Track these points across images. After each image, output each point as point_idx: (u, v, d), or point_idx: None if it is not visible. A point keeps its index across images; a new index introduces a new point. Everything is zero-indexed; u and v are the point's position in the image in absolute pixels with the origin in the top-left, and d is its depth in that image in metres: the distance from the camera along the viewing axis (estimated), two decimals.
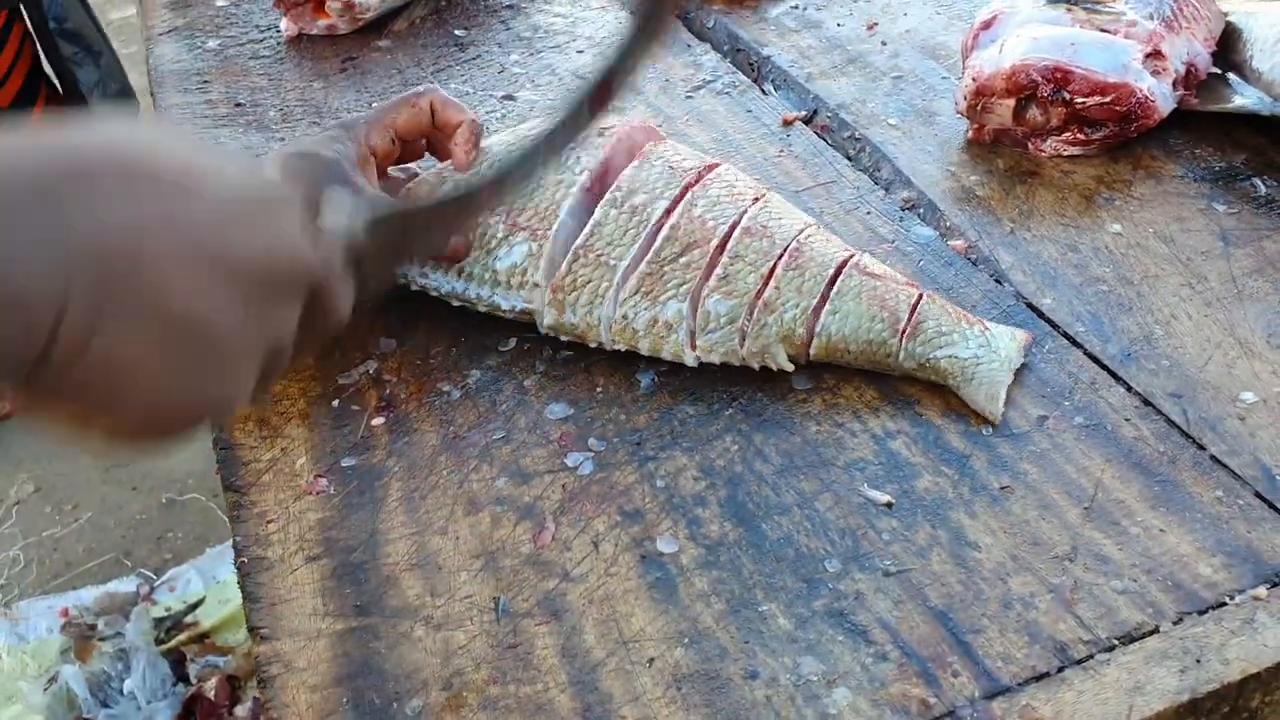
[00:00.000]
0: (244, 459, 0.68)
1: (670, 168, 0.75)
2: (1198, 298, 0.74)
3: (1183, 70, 0.90)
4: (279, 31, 1.18)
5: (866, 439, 0.66)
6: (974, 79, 0.90)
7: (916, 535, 0.60)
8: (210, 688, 1.72)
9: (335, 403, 0.72)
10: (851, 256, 0.72)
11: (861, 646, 0.55)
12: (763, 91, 1.03)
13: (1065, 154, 0.89)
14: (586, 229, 0.72)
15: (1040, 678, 0.53)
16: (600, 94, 0.59)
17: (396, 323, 0.77)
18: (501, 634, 0.57)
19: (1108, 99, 0.86)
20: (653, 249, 0.70)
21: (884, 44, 1.07)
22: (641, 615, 0.57)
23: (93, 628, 1.82)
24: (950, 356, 0.68)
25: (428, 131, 0.78)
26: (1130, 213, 0.83)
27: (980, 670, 0.53)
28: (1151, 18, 0.90)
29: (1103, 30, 0.89)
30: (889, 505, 0.62)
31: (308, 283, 0.48)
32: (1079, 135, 0.88)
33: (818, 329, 0.69)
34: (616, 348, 0.71)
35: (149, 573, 1.89)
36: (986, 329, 0.69)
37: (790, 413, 0.68)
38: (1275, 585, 0.56)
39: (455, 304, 0.76)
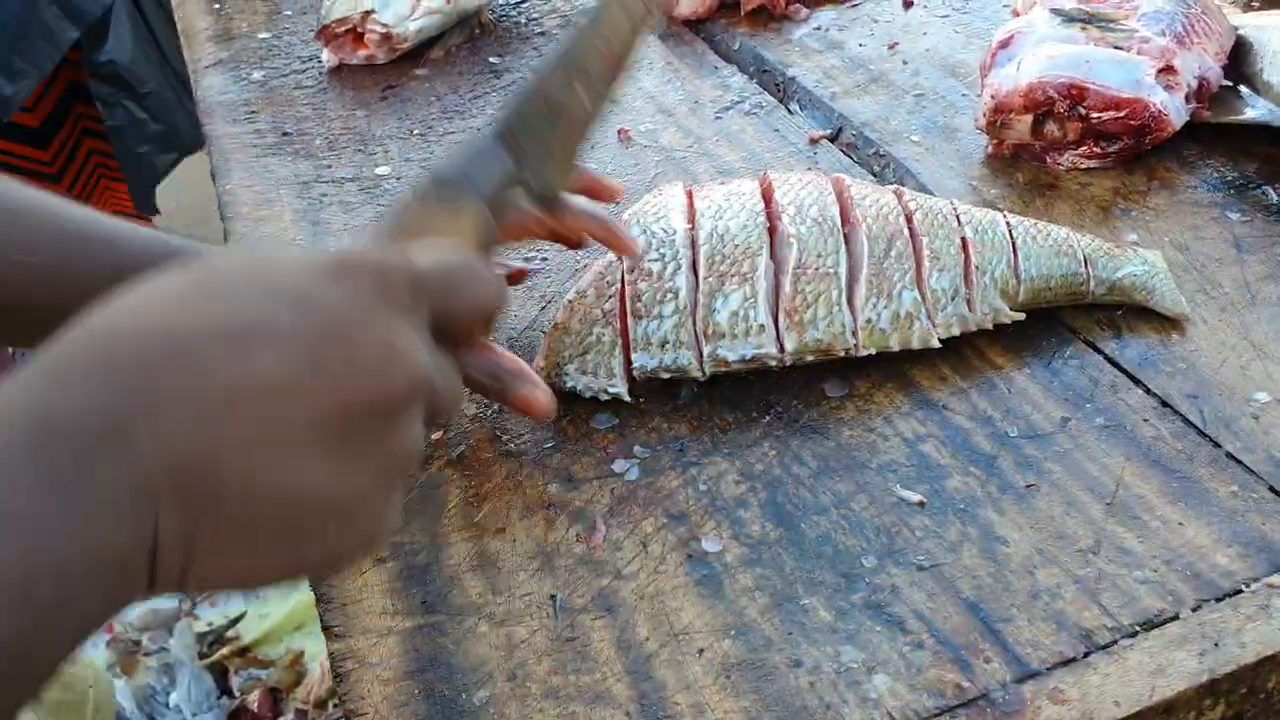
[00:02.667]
0: None
1: (804, 182, 0.77)
2: (1212, 303, 0.78)
3: (1195, 84, 0.93)
4: (320, 62, 1.22)
5: (898, 442, 0.70)
6: (993, 96, 0.93)
7: (948, 532, 0.64)
8: (253, 700, 1.77)
9: None
10: (999, 211, 0.78)
11: (899, 636, 0.58)
12: (789, 111, 1.06)
13: (1082, 167, 0.92)
14: (794, 250, 0.73)
15: (1068, 662, 0.56)
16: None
17: None
18: (560, 628, 0.61)
19: (1122, 113, 0.89)
20: (865, 253, 0.73)
21: (905, 63, 1.11)
22: (690, 609, 0.61)
23: (137, 643, 1.86)
24: (1129, 274, 0.75)
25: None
26: (1146, 222, 0.86)
27: (1011, 656, 0.57)
28: (1164, 34, 0.93)
29: (1117, 47, 0.93)
30: (921, 504, 0.66)
31: (409, 393, 0.41)
32: (1095, 149, 0.92)
33: (1021, 276, 0.75)
34: (866, 352, 0.73)
35: None
36: (1135, 250, 0.77)
37: (824, 419, 0.72)
38: None
39: (666, 376, 0.74)
